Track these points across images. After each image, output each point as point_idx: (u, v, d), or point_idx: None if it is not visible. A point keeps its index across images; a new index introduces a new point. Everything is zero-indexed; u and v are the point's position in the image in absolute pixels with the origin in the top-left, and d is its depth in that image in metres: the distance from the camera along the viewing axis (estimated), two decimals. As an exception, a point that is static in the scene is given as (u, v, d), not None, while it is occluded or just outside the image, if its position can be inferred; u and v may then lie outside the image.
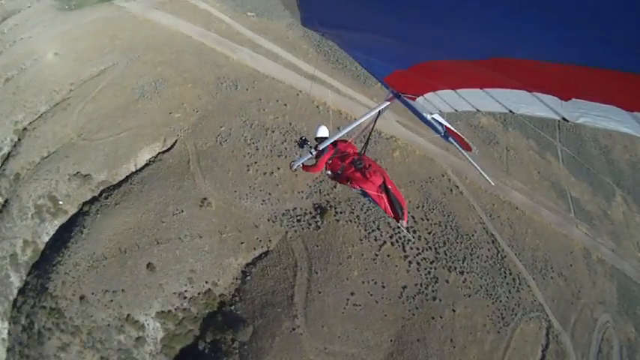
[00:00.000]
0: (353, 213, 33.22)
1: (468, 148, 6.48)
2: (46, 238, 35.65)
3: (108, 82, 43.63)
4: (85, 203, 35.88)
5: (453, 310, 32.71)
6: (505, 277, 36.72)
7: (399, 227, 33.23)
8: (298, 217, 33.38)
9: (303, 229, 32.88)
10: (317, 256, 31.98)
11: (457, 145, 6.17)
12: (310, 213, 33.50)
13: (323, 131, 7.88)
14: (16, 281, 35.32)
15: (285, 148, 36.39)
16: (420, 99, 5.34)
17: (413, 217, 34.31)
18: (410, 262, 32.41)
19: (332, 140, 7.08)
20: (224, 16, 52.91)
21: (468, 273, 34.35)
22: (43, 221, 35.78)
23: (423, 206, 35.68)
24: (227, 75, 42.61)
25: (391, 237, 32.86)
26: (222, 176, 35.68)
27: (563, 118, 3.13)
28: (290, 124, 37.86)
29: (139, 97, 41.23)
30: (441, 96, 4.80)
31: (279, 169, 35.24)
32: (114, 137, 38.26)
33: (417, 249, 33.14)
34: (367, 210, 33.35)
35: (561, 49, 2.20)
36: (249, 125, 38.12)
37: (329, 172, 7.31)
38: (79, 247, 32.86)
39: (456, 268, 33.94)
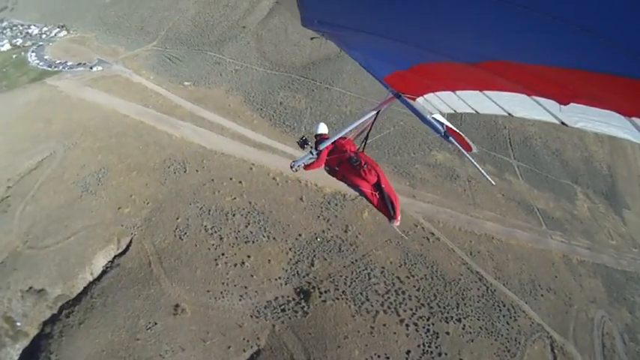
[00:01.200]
0: (338, 289, 33.63)
1: (468, 149, 6.74)
2: (12, 365, 33.18)
3: (47, 176, 42.31)
4: (45, 323, 33.80)
5: (461, 359, 33.51)
6: (500, 310, 38.40)
7: (385, 293, 33.96)
8: (282, 307, 33.24)
9: (290, 318, 32.75)
10: (312, 345, 31.89)
11: (458, 145, 6.42)
12: (294, 299, 33.50)
13: (322, 128, 8.23)
14: (-13, 417, 32.36)
15: (251, 232, 36.33)
16: (420, 99, 5.65)
17: (398, 278, 35.40)
18: (407, 325, 33.23)
19: (332, 140, 7.41)
20: (160, 88, 53.21)
21: (465, 318, 35.67)
22: (3, 346, 33.08)
23: (405, 263, 37.03)
24: (173, 156, 42.38)
25: (382, 304, 33.57)
26: (191, 276, 34.89)
27: (562, 122, 3.27)
28: (250, 203, 38.11)
29: (82, 192, 39.85)
30: (441, 97, 5.11)
31: (249, 257, 35.09)
32: (62, 243, 36.53)
33: (411, 309, 34.10)
34: (351, 283, 33.94)
35: (561, 54, 2.32)
36: (207, 212, 37.84)
37: (326, 168, 7.63)
38: (52, 377, 30.91)
39: (452, 317, 35.18)
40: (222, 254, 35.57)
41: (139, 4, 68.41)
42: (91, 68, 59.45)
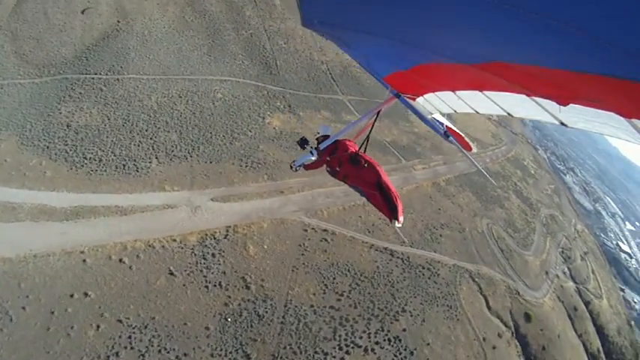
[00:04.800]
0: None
1: (468, 148, 8.11)
2: None
3: None
4: None
5: (428, 344, 40.01)
6: (423, 274, 45.59)
7: (333, 334, 36.31)
8: None
9: None
10: None
11: (458, 145, 7.60)
12: None
13: (325, 130, 9.60)
14: None
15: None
16: (419, 99, 6.97)
17: (332, 307, 37.51)
18: (372, 350, 36.34)
19: (333, 140, 8.77)
20: None
21: (406, 305, 41.09)
22: None
23: (326, 285, 39.06)
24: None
25: (340, 348, 34.77)
26: None
27: (562, 123, 3.88)
28: (121, 322, 30.27)
29: None
30: (441, 97, 6.26)
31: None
32: None
33: (364, 331, 37.01)
34: (298, 347, 33.30)
35: (560, 56, 2.77)
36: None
37: (328, 169, 9.07)
38: None
39: (398, 312, 40.05)
40: None
41: None
42: None
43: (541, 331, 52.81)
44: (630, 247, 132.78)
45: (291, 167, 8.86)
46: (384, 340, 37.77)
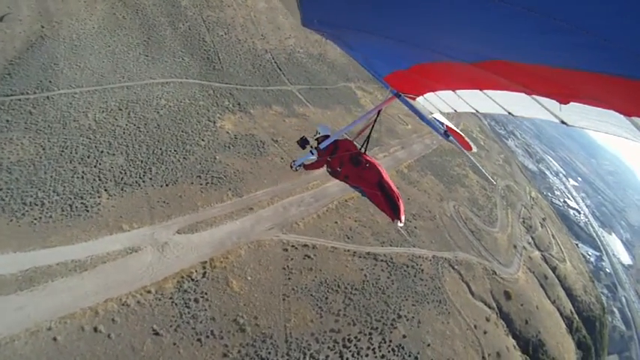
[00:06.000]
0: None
1: (468, 148, 8.33)
2: None
3: None
4: None
5: (429, 345, 40.95)
6: (408, 273, 45.99)
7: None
8: None
9: None
10: None
11: (458, 145, 7.91)
12: None
13: (325, 130, 9.91)
14: None
15: None
16: (420, 99, 7.19)
17: (332, 330, 36.76)
18: (378, 364, 36.73)
19: (333, 139, 9.03)
20: None
21: (401, 310, 41.35)
22: None
23: (321, 308, 38.23)
24: None
25: None
26: None
27: (562, 122, 3.96)
28: None
29: None
30: (441, 96, 6.44)
31: None
32: None
33: (368, 347, 36.68)
34: None
35: (561, 54, 2.87)
36: None
37: (328, 170, 9.36)
38: None
39: (395, 319, 40.19)
40: None
41: None
42: None
43: (521, 305, 55.38)
44: (577, 203, 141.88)
45: (292, 167, 9.12)
46: (389, 351, 37.96)
